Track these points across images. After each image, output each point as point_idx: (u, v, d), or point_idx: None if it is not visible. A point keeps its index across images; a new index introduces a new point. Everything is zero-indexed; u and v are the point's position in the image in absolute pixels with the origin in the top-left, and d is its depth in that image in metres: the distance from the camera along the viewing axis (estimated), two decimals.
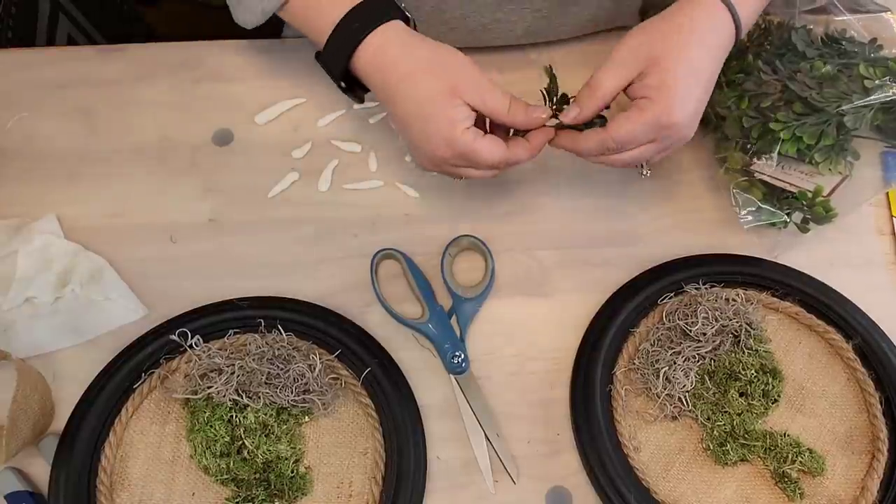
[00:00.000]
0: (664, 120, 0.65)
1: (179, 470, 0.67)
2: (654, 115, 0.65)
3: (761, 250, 0.78)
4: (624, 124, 0.66)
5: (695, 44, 0.66)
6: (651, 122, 0.65)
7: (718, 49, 0.68)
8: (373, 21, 0.69)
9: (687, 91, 0.66)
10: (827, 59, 0.77)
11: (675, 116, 0.65)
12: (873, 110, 0.74)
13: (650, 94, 0.66)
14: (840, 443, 0.69)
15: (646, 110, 0.66)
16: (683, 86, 0.65)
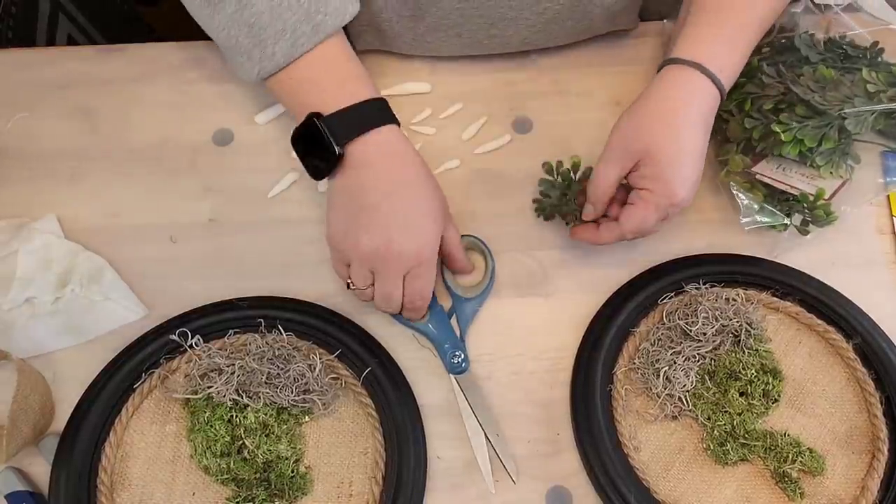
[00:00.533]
0: (667, 203, 0.69)
1: (180, 470, 0.67)
2: (657, 202, 0.69)
3: (761, 250, 0.78)
4: (633, 217, 0.70)
5: (682, 127, 0.69)
6: (655, 209, 0.69)
7: (706, 120, 0.70)
8: (380, 119, 0.70)
9: (683, 173, 0.68)
10: (829, 63, 0.78)
11: (677, 198, 0.68)
12: (875, 114, 0.75)
13: (650, 186, 0.69)
14: (840, 442, 0.69)
15: (649, 201, 0.69)
16: (679, 171, 0.68)
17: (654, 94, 0.71)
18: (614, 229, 0.71)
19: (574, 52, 0.89)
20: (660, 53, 0.88)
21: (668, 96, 0.70)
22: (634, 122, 0.70)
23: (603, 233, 0.72)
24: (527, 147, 0.84)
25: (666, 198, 0.68)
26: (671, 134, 0.69)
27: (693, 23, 0.72)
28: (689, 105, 0.69)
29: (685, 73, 0.70)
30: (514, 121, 0.85)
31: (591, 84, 0.87)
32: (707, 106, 0.70)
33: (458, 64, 0.87)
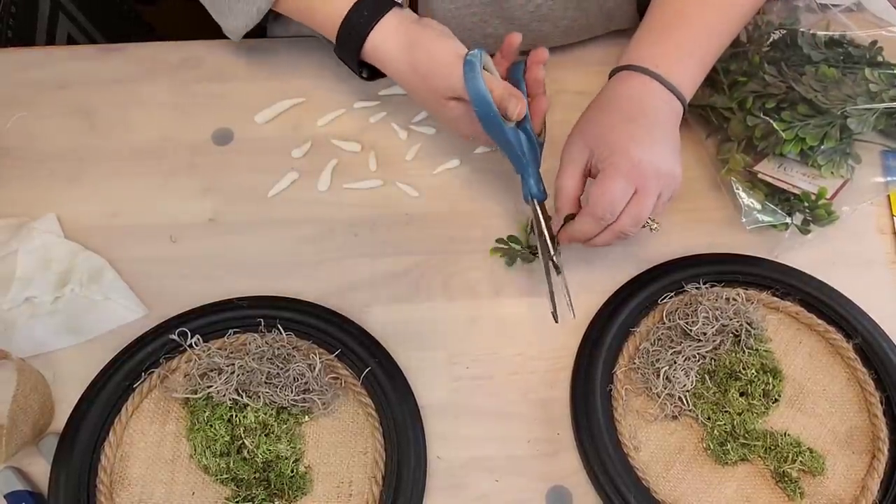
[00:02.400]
0: (630, 167, 0.67)
1: (179, 469, 0.67)
2: (617, 168, 0.67)
3: (762, 250, 0.78)
4: (595, 189, 0.68)
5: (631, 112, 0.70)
6: (617, 175, 0.67)
7: (652, 107, 0.70)
8: (370, 19, 0.72)
9: (640, 141, 0.68)
10: (831, 62, 0.78)
11: (634, 153, 0.67)
12: (876, 114, 0.75)
13: (605, 163, 0.68)
14: (840, 442, 0.69)
15: (608, 170, 0.68)
16: (634, 140, 0.67)
17: (599, 97, 0.73)
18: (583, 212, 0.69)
19: (574, 52, 0.89)
20: None
21: (615, 95, 0.72)
22: (581, 126, 0.72)
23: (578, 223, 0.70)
24: None
25: (625, 162, 0.66)
26: (620, 118, 0.69)
27: (638, 36, 0.75)
28: (634, 97, 0.70)
29: (631, 76, 0.72)
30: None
31: (591, 84, 0.86)
32: (656, 98, 0.70)
33: None
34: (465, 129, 0.74)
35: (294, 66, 0.87)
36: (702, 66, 0.74)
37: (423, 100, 0.75)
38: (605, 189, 0.67)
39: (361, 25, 0.73)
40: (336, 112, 0.85)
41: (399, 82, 0.75)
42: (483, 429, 0.70)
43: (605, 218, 0.68)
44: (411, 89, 0.75)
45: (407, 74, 0.73)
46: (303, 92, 0.86)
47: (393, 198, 0.81)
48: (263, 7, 0.76)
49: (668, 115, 0.71)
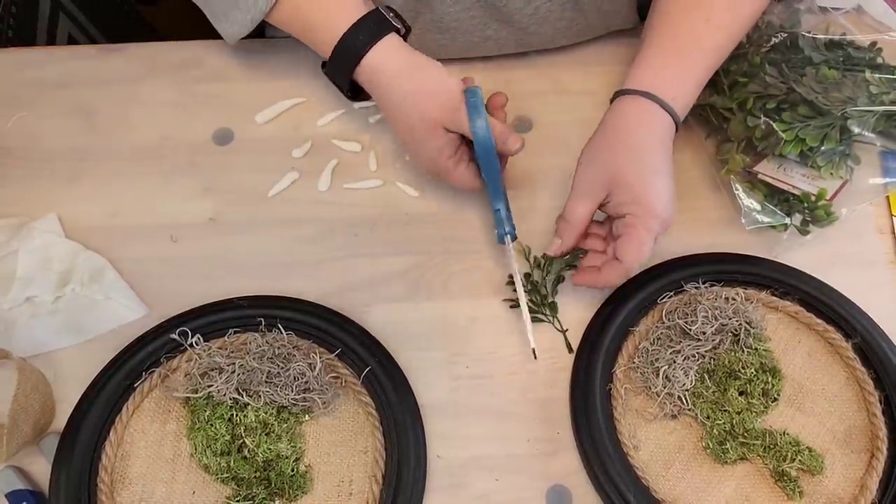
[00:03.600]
0: (655, 222, 0.69)
1: (180, 468, 0.67)
2: (646, 224, 0.69)
3: (761, 250, 0.78)
4: (630, 248, 0.69)
5: (640, 149, 0.70)
6: (647, 231, 0.69)
7: (663, 142, 0.71)
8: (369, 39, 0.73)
9: (658, 190, 0.69)
10: (832, 63, 0.78)
11: (662, 215, 0.69)
12: (876, 116, 0.75)
13: (632, 210, 0.69)
14: (839, 441, 0.69)
15: (638, 226, 0.69)
16: (651, 188, 0.69)
17: (608, 124, 0.73)
18: (618, 267, 0.70)
19: (574, 52, 0.89)
20: None
21: (623, 124, 0.72)
22: (594, 154, 0.72)
23: (606, 274, 0.72)
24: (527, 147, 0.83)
25: (650, 218, 0.69)
26: (632, 157, 0.70)
27: (644, 55, 0.75)
28: (641, 128, 0.71)
29: (636, 102, 0.72)
30: (514, 121, 0.85)
31: (591, 84, 0.87)
32: (660, 129, 0.72)
33: (458, 64, 0.87)
34: (443, 161, 0.74)
35: (294, 66, 0.87)
36: (698, 87, 0.76)
37: (410, 126, 0.74)
38: (639, 246, 0.69)
39: (361, 43, 0.73)
40: (336, 112, 0.85)
41: (388, 104, 0.74)
42: (483, 428, 0.70)
43: (633, 271, 0.71)
44: (400, 113, 0.74)
45: (401, 97, 0.73)
46: (303, 92, 0.86)
47: (393, 198, 0.81)
48: (257, 17, 0.77)
49: (670, 140, 0.72)
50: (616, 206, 0.71)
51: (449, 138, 0.74)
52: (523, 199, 0.81)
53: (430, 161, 0.75)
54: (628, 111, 0.73)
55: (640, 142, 0.71)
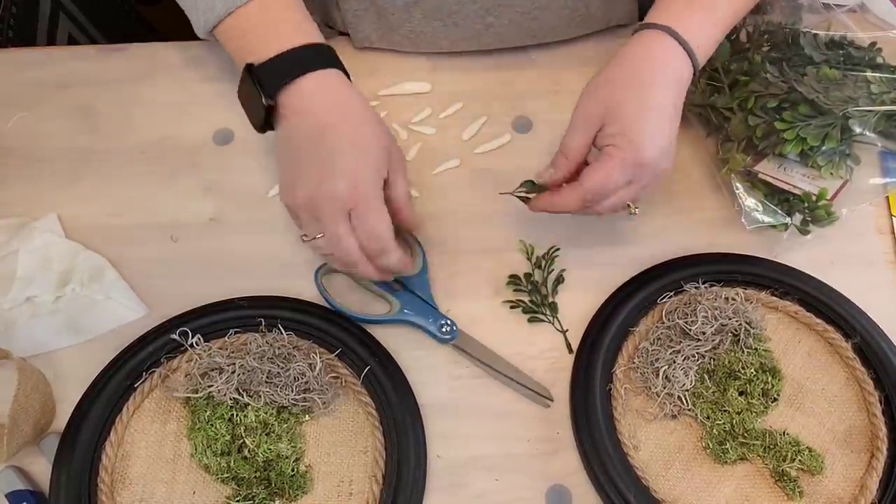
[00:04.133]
0: (633, 160, 0.65)
1: (180, 468, 0.67)
2: (622, 158, 0.65)
3: (761, 249, 0.78)
4: (595, 174, 0.66)
5: (648, 85, 0.67)
6: (620, 166, 0.65)
7: (676, 83, 0.67)
8: (315, 63, 0.68)
9: (651, 129, 0.65)
10: (832, 63, 0.78)
11: (646, 155, 0.65)
12: (877, 115, 0.75)
13: (615, 142, 0.66)
14: (839, 441, 0.69)
15: (614, 156, 0.65)
16: (646, 125, 0.65)
17: (621, 56, 0.68)
18: (575, 190, 0.67)
19: (574, 51, 0.89)
20: None
21: (636, 55, 0.68)
22: (598, 85, 0.68)
23: (563, 196, 0.68)
24: (527, 147, 0.84)
25: (631, 153, 0.64)
26: (636, 91, 0.66)
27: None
28: (656, 64, 0.67)
29: (658, 38, 0.68)
30: (514, 120, 0.85)
31: None
32: (678, 70, 0.67)
33: (458, 63, 0.87)
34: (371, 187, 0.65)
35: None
36: (719, 39, 0.71)
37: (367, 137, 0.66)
38: (604, 176, 0.65)
39: (306, 62, 0.67)
40: None
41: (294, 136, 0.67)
42: (483, 428, 0.70)
43: (591, 200, 0.67)
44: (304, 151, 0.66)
45: (316, 130, 0.66)
46: None
47: None
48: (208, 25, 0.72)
49: (682, 87, 0.68)
50: (603, 138, 0.66)
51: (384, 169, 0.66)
52: None
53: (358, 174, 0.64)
54: (648, 45, 0.68)
55: (651, 78, 0.66)
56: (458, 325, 0.73)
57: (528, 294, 0.75)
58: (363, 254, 0.66)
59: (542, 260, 0.76)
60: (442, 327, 0.73)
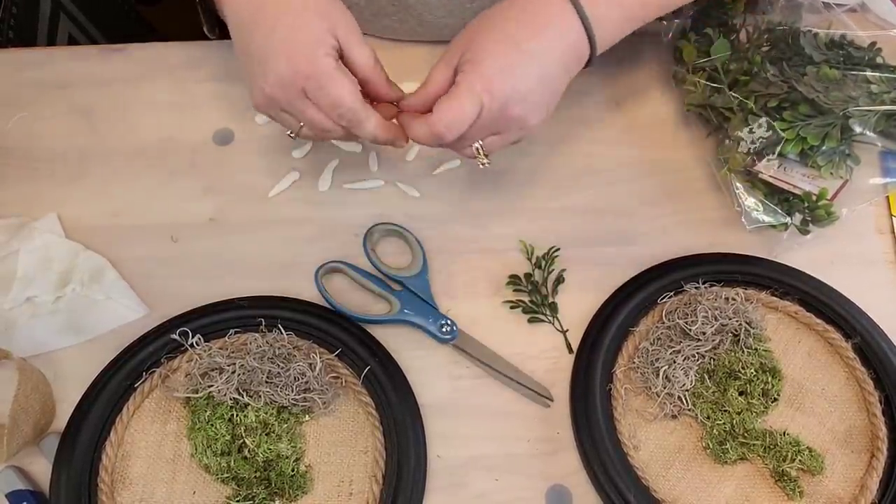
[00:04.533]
0: (481, 89, 0.60)
1: (180, 468, 0.67)
2: (470, 86, 0.61)
3: (761, 249, 0.78)
4: (444, 106, 0.61)
5: (513, 20, 0.62)
6: (469, 95, 0.61)
7: (549, 32, 0.62)
8: None
9: (505, 60, 0.61)
10: (832, 63, 0.78)
11: (493, 84, 0.60)
12: (877, 115, 0.75)
13: (465, 68, 0.62)
14: (839, 441, 0.69)
15: (461, 85, 0.61)
16: (499, 58, 0.61)
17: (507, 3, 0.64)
18: (426, 120, 0.62)
19: None
20: (660, 53, 0.88)
21: (521, 6, 0.63)
22: (473, 21, 0.65)
23: (416, 128, 0.63)
24: (527, 147, 0.84)
25: (480, 82, 0.60)
26: (500, 22, 0.62)
27: None
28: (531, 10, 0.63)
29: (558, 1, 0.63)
30: None
31: (591, 84, 0.87)
32: (565, 31, 0.62)
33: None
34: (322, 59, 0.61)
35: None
36: (627, 25, 0.68)
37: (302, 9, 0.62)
38: (454, 107, 0.61)
39: None
40: None
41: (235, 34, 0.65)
42: (483, 428, 0.70)
43: (441, 134, 0.62)
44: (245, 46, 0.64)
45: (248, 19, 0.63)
46: None
47: (393, 198, 0.81)
48: None
49: (558, 41, 0.63)
50: (461, 63, 0.62)
51: (335, 44, 0.62)
52: (523, 198, 0.81)
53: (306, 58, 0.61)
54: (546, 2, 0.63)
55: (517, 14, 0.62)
56: (458, 325, 0.73)
57: (528, 294, 0.75)
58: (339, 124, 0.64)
59: (542, 260, 0.76)
60: (442, 327, 0.73)
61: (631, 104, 0.86)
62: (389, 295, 0.74)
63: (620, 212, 0.80)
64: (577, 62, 0.65)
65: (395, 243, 0.78)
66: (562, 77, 0.65)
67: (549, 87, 0.64)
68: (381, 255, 0.77)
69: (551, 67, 0.63)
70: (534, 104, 0.63)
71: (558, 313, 0.75)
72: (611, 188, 0.81)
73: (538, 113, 0.64)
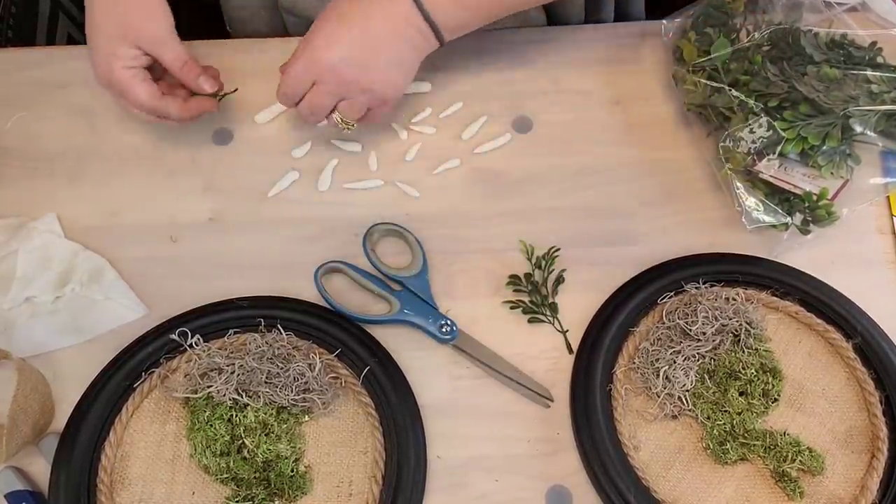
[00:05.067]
0: (311, 54, 0.70)
1: (179, 469, 0.67)
2: (303, 49, 0.71)
3: (761, 249, 0.78)
4: (282, 68, 0.72)
5: (355, 7, 0.71)
6: (294, 60, 0.71)
7: (375, 4, 0.70)
8: None
9: (332, 29, 0.70)
10: (833, 62, 0.78)
11: (321, 51, 0.70)
12: (878, 115, 0.75)
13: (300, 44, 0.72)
14: (840, 442, 0.69)
15: (297, 49, 0.72)
16: (327, 25, 0.71)
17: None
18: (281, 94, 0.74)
19: (574, 52, 0.89)
20: (660, 53, 0.88)
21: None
22: None
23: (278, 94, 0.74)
24: (527, 147, 0.84)
25: (308, 47, 0.70)
26: (335, 7, 0.71)
27: None
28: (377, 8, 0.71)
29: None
30: (514, 120, 0.85)
31: (591, 84, 0.87)
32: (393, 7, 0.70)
33: (458, 63, 0.87)
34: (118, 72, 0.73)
35: None
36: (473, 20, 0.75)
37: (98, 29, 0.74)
38: (286, 72, 0.72)
39: None
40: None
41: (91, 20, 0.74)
42: (483, 428, 0.70)
43: (285, 97, 0.74)
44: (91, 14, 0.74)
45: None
46: None
47: (393, 198, 0.81)
48: None
49: (398, 26, 0.71)
50: None
51: (136, 53, 0.73)
52: (523, 198, 0.81)
53: (103, 73, 0.74)
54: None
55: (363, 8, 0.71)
56: (458, 325, 0.73)
57: (529, 294, 0.75)
58: None
59: (543, 260, 0.76)
60: (442, 327, 0.73)
61: (631, 104, 0.86)
62: (389, 295, 0.74)
63: (620, 212, 0.80)
64: (418, 34, 0.72)
65: (394, 243, 0.78)
66: (399, 46, 0.72)
67: (383, 53, 0.72)
68: (381, 255, 0.77)
69: (381, 36, 0.71)
70: (371, 69, 0.72)
71: (558, 313, 0.75)
72: (611, 188, 0.81)
73: (379, 76, 0.72)
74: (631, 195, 0.81)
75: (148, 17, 0.74)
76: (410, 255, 0.77)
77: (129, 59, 0.73)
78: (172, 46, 0.74)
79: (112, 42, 0.73)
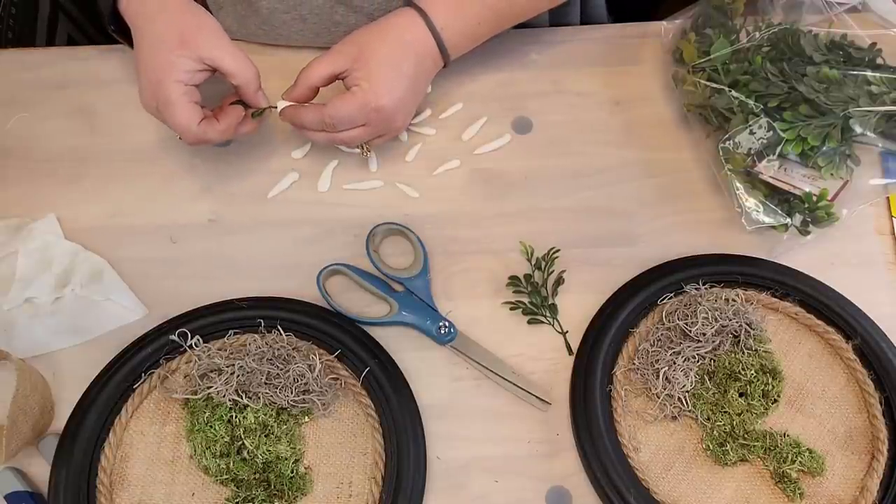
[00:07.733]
0: (373, 103, 0.74)
1: (179, 470, 0.67)
2: (365, 98, 0.74)
3: (761, 250, 0.78)
4: (339, 105, 0.74)
5: (390, 42, 0.76)
6: (362, 104, 0.74)
7: (415, 46, 0.76)
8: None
9: (390, 80, 0.75)
10: (833, 63, 0.78)
11: (383, 100, 0.74)
12: (877, 116, 0.75)
13: (360, 84, 0.74)
14: (840, 443, 0.69)
15: (357, 94, 0.74)
16: (386, 76, 0.74)
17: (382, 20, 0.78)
18: (318, 110, 0.74)
19: (574, 51, 0.89)
20: (660, 54, 0.88)
21: (391, 23, 0.77)
22: (356, 35, 0.77)
23: (307, 111, 0.75)
24: (527, 147, 0.84)
25: (372, 97, 0.73)
26: (380, 43, 0.75)
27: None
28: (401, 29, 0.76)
29: (408, 13, 0.77)
30: (514, 121, 0.85)
31: (591, 84, 0.87)
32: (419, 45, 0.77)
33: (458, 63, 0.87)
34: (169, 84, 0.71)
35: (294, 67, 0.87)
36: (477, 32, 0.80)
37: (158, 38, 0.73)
38: (345, 107, 0.74)
39: None
40: None
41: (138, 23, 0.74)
42: (483, 429, 0.70)
43: (328, 126, 0.75)
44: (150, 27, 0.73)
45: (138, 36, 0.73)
46: None
47: (393, 198, 0.81)
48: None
49: (421, 54, 0.77)
50: (351, 79, 0.75)
51: (192, 64, 0.72)
52: (523, 199, 0.81)
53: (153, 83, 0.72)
54: (401, 15, 0.77)
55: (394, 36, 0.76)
56: (457, 326, 0.73)
57: (528, 295, 0.75)
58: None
59: (542, 261, 0.76)
60: (441, 329, 0.73)
61: (631, 105, 0.86)
62: (389, 296, 0.74)
63: (620, 212, 0.80)
64: (434, 68, 0.80)
65: (397, 244, 0.78)
66: (426, 86, 0.81)
67: (417, 95, 0.79)
68: (384, 255, 0.77)
69: (418, 77, 0.77)
70: (407, 114, 0.78)
71: (558, 314, 0.75)
72: (611, 189, 0.81)
73: (405, 115, 0.78)
74: (631, 196, 0.81)
75: (204, 27, 0.74)
76: (412, 255, 0.77)
77: (183, 73, 0.72)
78: (239, 56, 0.74)
79: (170, 52, 0.71)
